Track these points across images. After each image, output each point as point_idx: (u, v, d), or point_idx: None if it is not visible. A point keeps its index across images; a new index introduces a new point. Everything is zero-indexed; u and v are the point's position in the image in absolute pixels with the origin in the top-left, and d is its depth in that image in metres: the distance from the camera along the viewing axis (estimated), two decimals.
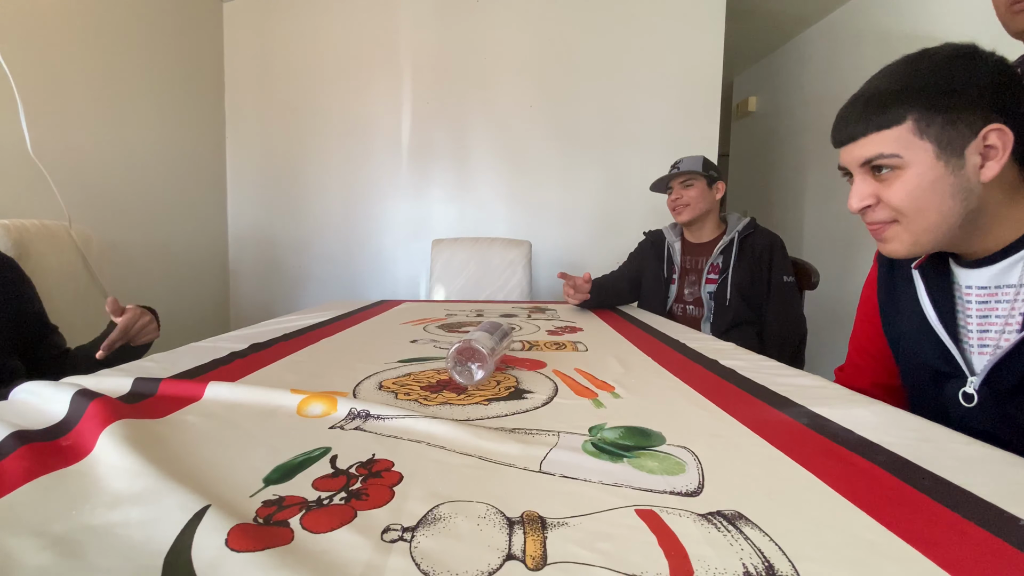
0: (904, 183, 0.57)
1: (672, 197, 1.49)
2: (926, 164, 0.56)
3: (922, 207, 0.57)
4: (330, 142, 2.39)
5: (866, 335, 0.77)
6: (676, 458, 0.42)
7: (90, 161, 1.70)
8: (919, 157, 0.56)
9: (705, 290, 1.42)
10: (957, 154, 0.54)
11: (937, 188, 0.56)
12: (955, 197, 0.55)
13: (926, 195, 0.56)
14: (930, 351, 0.63)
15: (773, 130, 3.18)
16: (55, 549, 0.28)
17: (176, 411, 0.51)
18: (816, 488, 0.37)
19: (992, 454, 0.42)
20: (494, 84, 2.28)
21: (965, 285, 0.61)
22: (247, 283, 2.50)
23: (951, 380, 0.61)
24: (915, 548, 0.29)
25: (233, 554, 0.27)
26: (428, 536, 0.30)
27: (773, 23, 2.82)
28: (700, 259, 1.47)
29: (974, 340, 0.60)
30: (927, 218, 0.57)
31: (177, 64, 2.12)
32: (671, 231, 1.58)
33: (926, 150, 0.55)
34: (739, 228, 1.41)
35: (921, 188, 0.56)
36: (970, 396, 0.59)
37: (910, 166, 0.56)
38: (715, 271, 1.42)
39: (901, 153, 0.56)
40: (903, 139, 0.56)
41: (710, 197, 1.45)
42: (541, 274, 2.30)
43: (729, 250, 1.40)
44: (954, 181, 0.55)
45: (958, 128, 0.54)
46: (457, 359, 0.64)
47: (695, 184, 1.44)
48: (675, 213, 1.49)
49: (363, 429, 0.48)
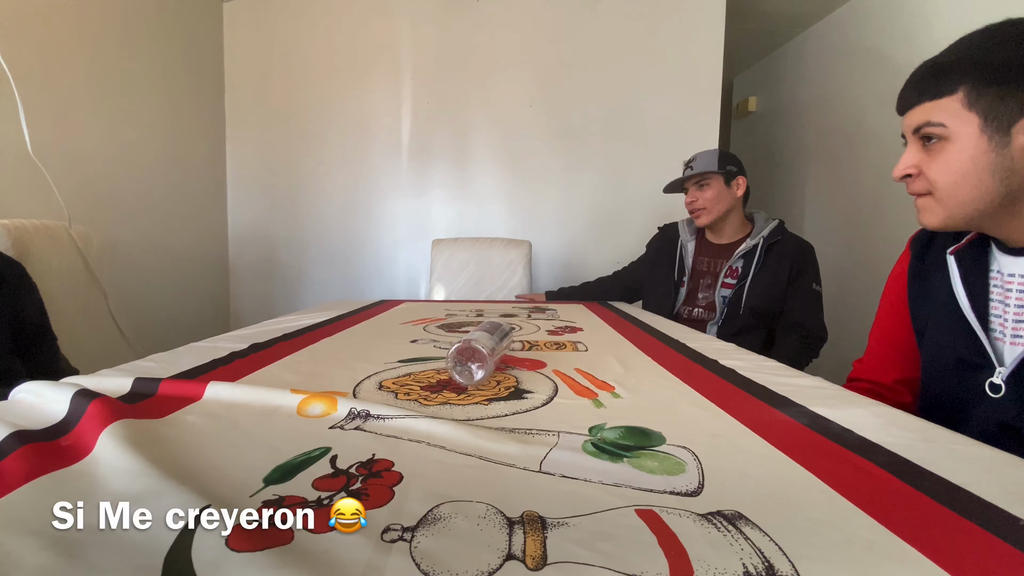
0: (946, 156, 0.56)
1: (688, 200, 1.38)
2: (969, 137, 0.54)
3: (957, 181, 0.56)
4: (330, 142, 2.39)
5: (890, 325, 0.76)
6: (676, 458, 0.42)
7: (90, 161, 1.69)
8: (964, 130, 0.55)
9: (720, 294, 1.34)
10: (1003, 131, 0.53)
11: (977, 163, 0.54)
12: (994, 176, 0.54)
13: (964, 169, 0.55)
14: (958, 340, 0.62)
15: (773, 130, 3.18)
16: (55, 549, 0.28)
17: (176, 411, 0.51)
18: (816, 488, 0.37)
19: (992, 454, 0.42)
20: (494, 84, 2.28)
21: (1007, 273, 0.59)
22: (247, 283, 2.50)
23: (977, 370, 0.60)
24: (915, 548, 0.29)
25: (233, 554, 0.27)
26: (428, 536, 0.30)
27: (773, 23, 2.82)
28: (719, 261, 1.37)
29: (1008, 330, 0.58)
30: (961, 193, 0.56)
31: (177, 64, 2.12)
32: (687, 227, 1.47)
33: (972, 123, 0.54)
34: (765, 233, 1.31)
35: (960, 162, 0.55)
36: (997, 387, 0.57)
37: (954, 138, 0.55)
38: (733, 275, 1.34)
39: (947, 123, 0.55)
40: (951, 110, 0.55)
41: (729, 195, 1.33)
42: (541, 274, 2.30)
43: (752, 255, 1.31)
44: (995, 159, 0.53)
45: (1008, 104, 0.52)
46: (457, 359, 0.64)
47: (711, 183, 1.33)
48: (693, 216, 1.39)
49: (363, 429, 0.47)
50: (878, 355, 0.78)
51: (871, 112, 2.41)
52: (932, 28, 2.06)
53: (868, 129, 2.45)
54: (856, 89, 2.52)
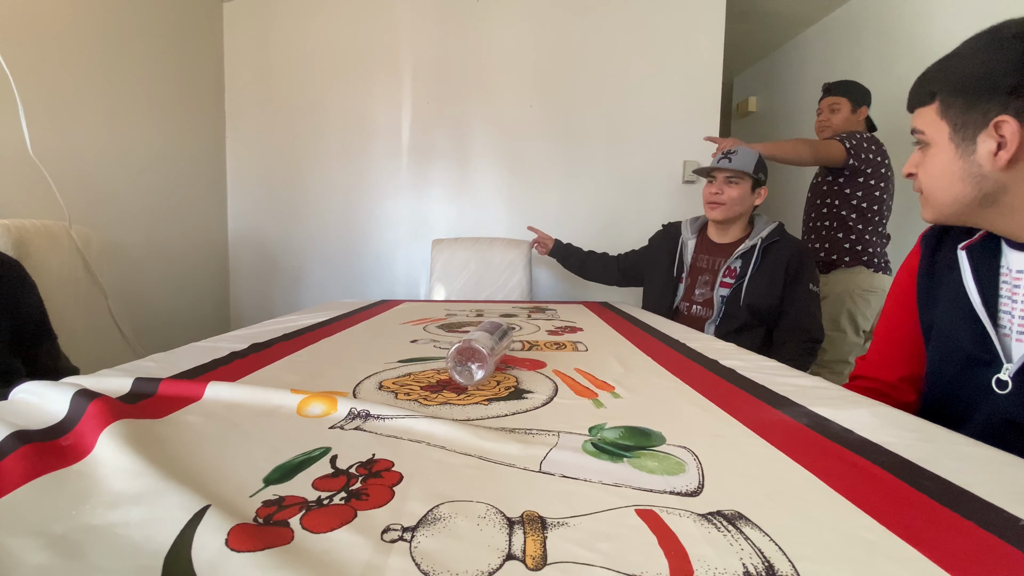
0: (928, 160, 0.60)
1: (712, 189, 1.36)
2: (942, 145, 0.57)
3: (936, 185, 0.60)
4: (330, 142, 2.38)
5: (897, 322, 0.76)
6: (676, 458, 0.42)
7: (90, 161, 1.69)
8: (938, 137, 0.58)
9: (718, 293, 1.36)
10: (969, 139, 0.55)
11: (946, 170, 0.57)
12: (964, 181, 0.56)
13: (937, 174, 0.59)
14: (965, 336, 0.62)
15: (773, 130, 3.18)
16: (55, 549, 0.28)
17: (176, 411, 0.51)
18: (816, 488, 0.37)
19: (992, 454, 0.42)
20: (494, 84, 2.28)
21: (1016, 269, 0.60)
22: (247, 283, 2.50)
23: (984, 367, 0.60)
24: (915, 548, 0.29)
25: (233, 554, 0.27)
26: (428, 536, 0.30)
27: (773, 23, 2.82)
28: (718, 259, 1.39)
29: (1016, 326, 0.58)
30: (940, 196, 0.59)
31: (177, 64, 2.12)
32: (689, 227, 1.48)
33: (943, 131, 0.57)
34: (764, 234, 1.33)
35: (935, 167, 0.59)
36: (1004, 383, 0.58)
37: (933, 144, 0.59)
38: (731, 275, 1.35)
39: (925, 131, 0.59)
40: (928, 118, 0.59)
41: (749, 201, 1.35)
42: (541, 274, 2.30)
43: (750, 255, 1.33)
44: (963, 166, 0.56)
45: (972, 115, 0.55)
46: (457, 359, 0.64)
47: (740, 184, 1.33)
48: (709, 207, 1.38)
49: (363, 429, 0.48)
50: (882, 352, 0.78)
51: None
52: (931, 28, 2.06)
53: None
54: None
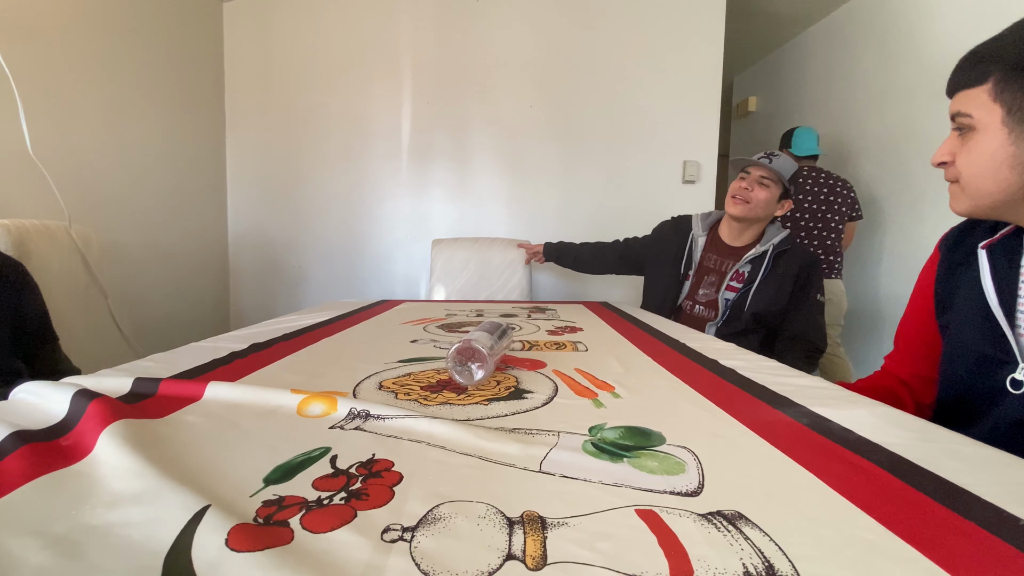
0: (972, 146, 0.56)
1: (741, 185, 1.35)
2: (992, 129, 0.54)
3: (980, 172, 0.56)
4: (330, 142, 2.39)
5: (916, 321, 0.76)
6: (676, 458, 0.42)
7: (90, 161, 1.69)
8: (988, 120, 0.54)
9: (723, 296, 1.34)
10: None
11: (996, 156, 0.54)
12: (1014, 169, 0.53)
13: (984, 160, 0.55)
14: (981, 335, 0.61)
15: (773, 130, 3.18)
16: (55, 549, 0.28)
17: (176, 411, 0.51)
18: (816, 488, 0.37)
19: (992, 454, 0.42)
20: (494, 84, 2.28)
21: None
22: (247, 283, 2.50)
23: (999, 366, 0.59)
24: (915, 548, 0.29)
25: (233, 554, 0.27)
26: (428, 536, 0.30)
27: (773, 23, 2.82)
28: (727, 261, 1.38)
29: None
30: (983, 185, 0.56)
31: (177, 64, 2.12)
32: (700, 223, 1.46)
33: (996, 114, 0.53)
34: (775, 241, 1.32)
35: (981, 153, 0.55)
36: (1019, 383, 0.57)
37: (981, 129, 0.55)
38: (739, 279, 1.34)
39: (973, 113, 0.55)
40: (979, 100, 0.55)
41: (772, 209, 1.34)
42: (541, 274, 2.30)
43: (759, 261, 1.32)
44: (1015, 152, 0.53)
45: None
46: (457, 359, 0.64)
47: (771, 189, 1.32)
48: (733, 200, 1.35)
49: (363, 429, 0.47)
50: (900, 351, 0.79)
51: (871, 112, 2.42)
52: (932, 28, 2.06)
53: (867, 130, 2.45)
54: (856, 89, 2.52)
